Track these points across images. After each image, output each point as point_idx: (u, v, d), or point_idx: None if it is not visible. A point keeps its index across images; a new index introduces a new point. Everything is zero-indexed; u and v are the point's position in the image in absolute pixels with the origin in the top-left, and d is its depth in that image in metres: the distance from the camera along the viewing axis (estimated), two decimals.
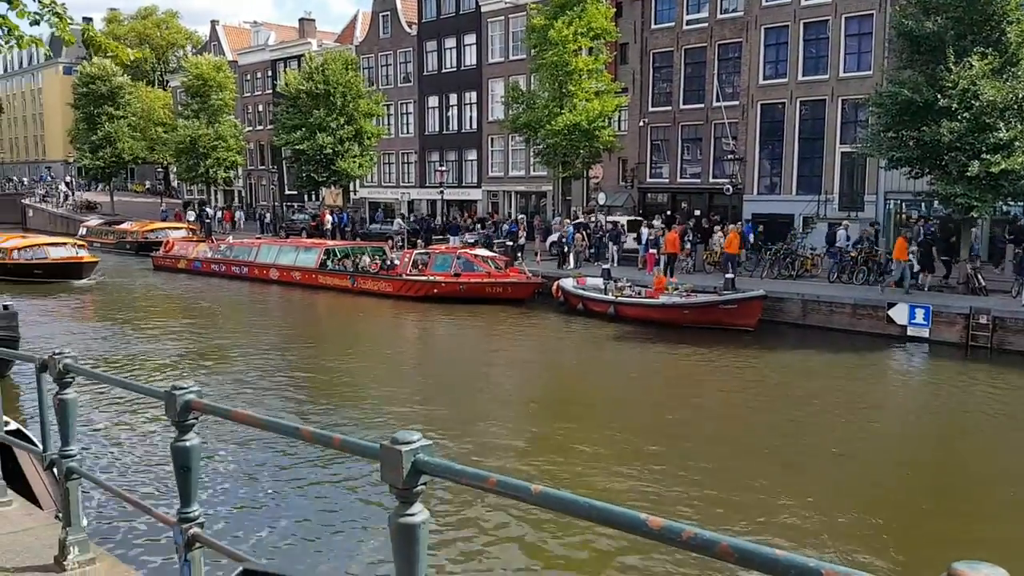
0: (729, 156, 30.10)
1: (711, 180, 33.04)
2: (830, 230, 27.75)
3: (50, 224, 57.04)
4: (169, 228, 44.67)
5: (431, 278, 27.35)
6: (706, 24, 32.93)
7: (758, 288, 22.38)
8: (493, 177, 43.53)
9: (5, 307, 16.34)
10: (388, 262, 30.18)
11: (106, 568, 4.48)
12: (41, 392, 4.88)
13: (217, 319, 25.90)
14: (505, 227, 34.95)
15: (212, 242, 39.44)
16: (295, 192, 52.76)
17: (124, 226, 47.10)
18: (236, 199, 61.17)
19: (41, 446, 5.14)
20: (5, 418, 5.79)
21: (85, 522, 4.65)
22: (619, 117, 34.97)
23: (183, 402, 3.26)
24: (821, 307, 22.00)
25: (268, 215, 50.62)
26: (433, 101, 46.56)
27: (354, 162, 41.93)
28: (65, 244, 34.40)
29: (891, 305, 20.62)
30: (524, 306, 25.86)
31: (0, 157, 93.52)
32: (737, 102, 31.90)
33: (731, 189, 29.46)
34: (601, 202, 33.43)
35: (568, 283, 25.31)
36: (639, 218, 33.37)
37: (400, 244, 36.11)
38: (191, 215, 52.56)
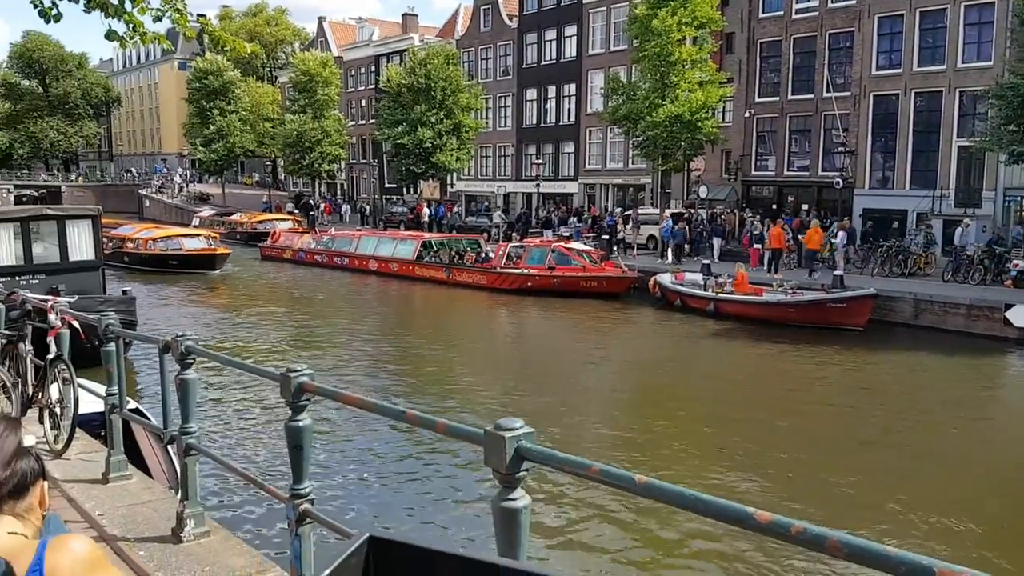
0: (839, 149, 29.10)
1: (820, 173, 32.02)
2: (946, 227, 26.49)
3: (165, 214, 59.93)
4: (276, 220, 46.30)
5: (525, 271, 27.48)
6: (816, 13, 31.91)
7: (868, 286, 21.57)
8: (590, 170, 43.34)
9: (124, 292, 17.34)
10: (483, 255, 30.49)
11: (220, 540, 4.71)
12: (163, 372, 5.16)
13: (319, 308, 26.73)
14: (605, 221, 34.78)
15: (315, 233, 40.69)
16: (394, 185, 53.85)
17: (234, 217, 49.10)
18: (339, 192, 62.89)
19: (161, 423, 5.44)
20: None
21: (200, 496, 4.90)
22: (723, 108, 34.27)
23: (297, 384, 3.40)
24: (934, 307, 21.02)
25: (368, 207, 51.88)
26: (532, 94, 46.68)
27: (452, 155, 42.52)
28: (198, 235, 35.13)
29: (1008, 307, 19.54)
30: (619, 301, 25.67)
31: (119, 149, 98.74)
32: (848, 93, 30.78)
33: (841, 183, 28.45)
34: (702, 195, 32.83)
35: (666, 278, 24.96)
36: (681, 211, 32.74)
37: (498, 237, 36.41)
38: (289, 206, 54.52)
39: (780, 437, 12.59)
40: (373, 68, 57.83)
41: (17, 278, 14.89)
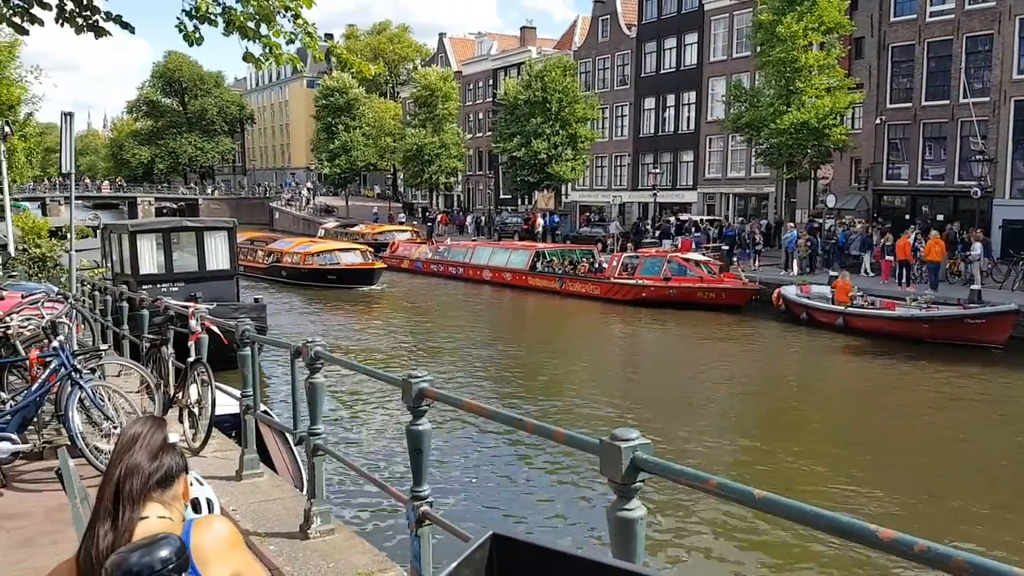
0: (977, 157, 27.46)
1: (956, 182, 30.32)
2: None
3: (293, 225, 62.54)
4: (395, 231, 47.55)
5: (640, 282, 27.19)
6: (952, 16, 30.30)
7: (1009, 301, 20.24)
8: (710, 179, 42.56)
9: (256, 300, 18.24)
10: (596, 265, 30.36)
11: (344, 538, 4.91)
12: (294, 376, 5.43)
13: (434, 316, 27.28)
14: (729, 231, 34.07)
15: (432, 244, 41.61)
16: (509, 196, 54.48)
17: (357, 228, 50.68)
18: (455, 203, 64.18)
19: (289, 424, 5.72)
20: None
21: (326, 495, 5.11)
22: (852, 115, 33.01)
23: (417, 389, 3.52)
24: None
25: (483, 218, 52.73)
26: (650, 103, 46.30)
27: (567, 166, 42.68)
28: (355, 250, 34.34)
29: None
30: (740, 313, 25.04)
31: (252, 164, 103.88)
32: (987, 98, 29.04)
33: (979, 192, 26.83)
34: (830, 205, 31.63)
35: (791, 291, 24.08)
36: (719, 218, 30.96)
37: (614, 247, 36.21)
38: (402, 216, 56.16)
39: (911, 460, 11.98)
40: (491, 81, 58.74)
41: (159, 286, 15.85)
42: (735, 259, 30.11)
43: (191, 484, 2.52)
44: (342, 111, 61.81)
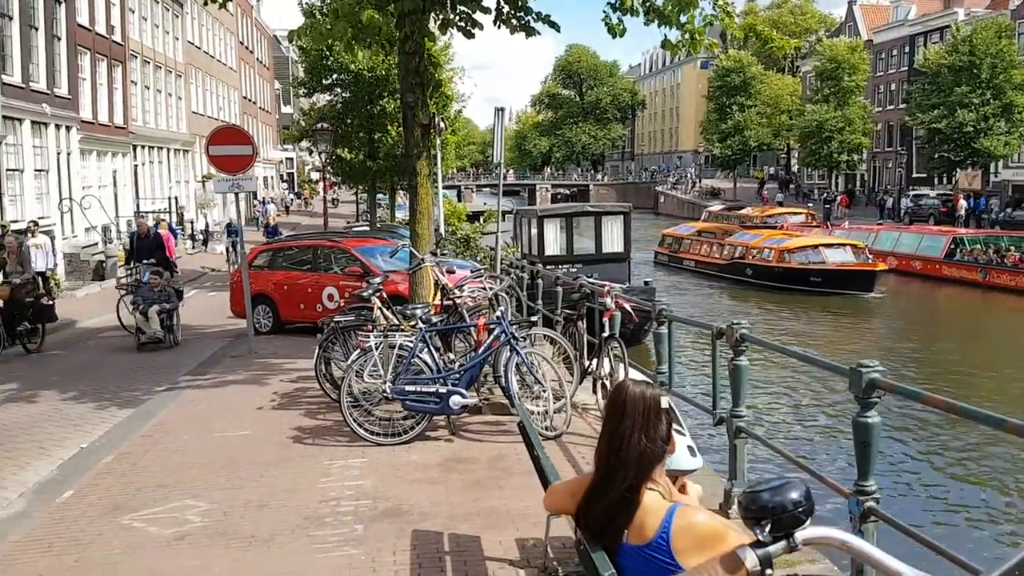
0: None
1: None
2: None
3: (678, 209, 63.02)
4: (788, 213, 45.39)
5: None
6: None
7: None
8: None
9: (646, 283, 18.81)
10: None
11: None
12: (715, 357, 5.49)
13: (823, 303, 25.36)
14: None
15: (828, 227, 39.09)
16: (923, 175, 49.30)
17: (745, 211, 49.22)
18: (858, 183, 59.70)
19: (709, 405, 5.78)
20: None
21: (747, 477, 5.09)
22: None
23: (868, 379, 3.34)
24: None
25: (890, 200, 48.33)
26: None
27: (999, 140, 37.59)
28: (843, 245, 27.87)
29: None
30: None
31: (640, 149, 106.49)
32: None
33: None
34: None
35: None
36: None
37: None
38: (779, 197, 54.61)
39: None
40: (906, 49, 53.62)
41: (560, 267, 17.03)
42: None
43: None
44: (737, 90, 60.82)
